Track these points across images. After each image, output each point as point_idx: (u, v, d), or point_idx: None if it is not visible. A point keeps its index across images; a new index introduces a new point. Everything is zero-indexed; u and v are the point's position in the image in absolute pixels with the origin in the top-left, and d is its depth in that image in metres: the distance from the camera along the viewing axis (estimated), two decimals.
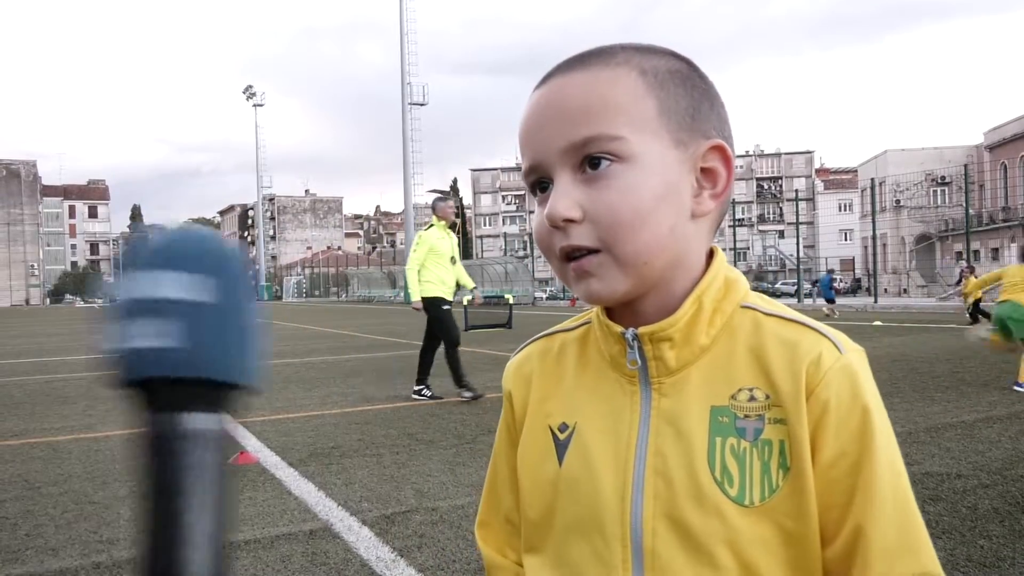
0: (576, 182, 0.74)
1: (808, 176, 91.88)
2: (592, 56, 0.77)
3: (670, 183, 0.74)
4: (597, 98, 0.73)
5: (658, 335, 0.77)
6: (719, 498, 0.73)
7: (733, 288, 0.80)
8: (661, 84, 0.76)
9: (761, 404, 0.74)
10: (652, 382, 0.78)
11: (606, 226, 0.72)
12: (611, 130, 0.73)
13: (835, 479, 0.72)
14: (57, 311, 66.95)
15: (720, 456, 0.74)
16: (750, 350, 0.76)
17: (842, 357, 0.74)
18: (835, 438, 0.72)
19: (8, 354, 18.15)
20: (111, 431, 7.57)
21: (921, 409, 7.14)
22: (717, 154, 0.77)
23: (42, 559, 3.99)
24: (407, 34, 56.41)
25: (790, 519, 0.72)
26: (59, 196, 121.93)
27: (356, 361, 13.69)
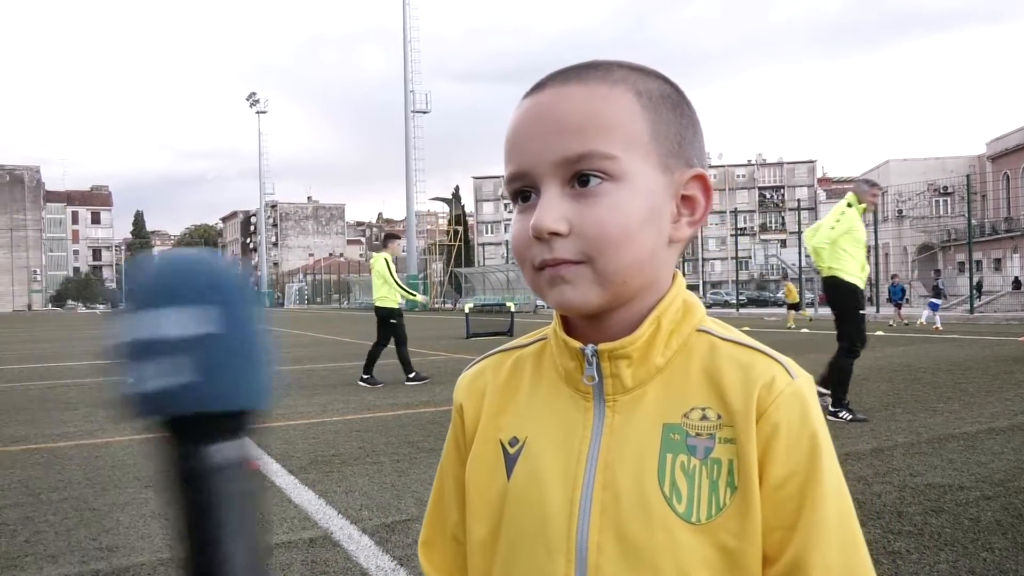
0: (564, 196, 0.74)
1: (810, 185, 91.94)
2: (590, 70, 0.77)
3: (655, 207, 0.75)
4: (594, 114, 0.74)
5: (617, 352, 0.77)
6: (666, 513, 0.73)
7: (691, 312, 0.81)
8: (655, 107, 0.77)
9: (713, 423, 0.75)
10: (607, 399, 0.79)
11: (592, 241, 0.73)
12: (606, 148, 0.73)
13: (781, 501, 0.73)
14: (59, 317, 67.02)
15: (670, 472, 0.74)
16: (704, 371, 0.77)
17: (794, 382, 0.76)
18: (784, 460, 0.73)
19: (10, 359, 18.15)
20: (111, 438, 7.56)
21: (923, 420, 7.11)
22: (698, 183, 0.79)
23: (41, 566, 3.97)
24: (410, 42, 56.60)
25: (734, 538, 0.72)
26: (62, 202, 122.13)
27: (357, 368, 13.65)
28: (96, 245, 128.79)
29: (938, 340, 17.05)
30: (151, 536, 4.38)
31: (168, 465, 0.46)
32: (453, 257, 58.64)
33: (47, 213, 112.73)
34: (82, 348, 21.66)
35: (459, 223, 70.17)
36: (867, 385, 9.52)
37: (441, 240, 64.58)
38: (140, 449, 6.92)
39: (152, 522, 4.65)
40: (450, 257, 58.38)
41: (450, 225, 67.52)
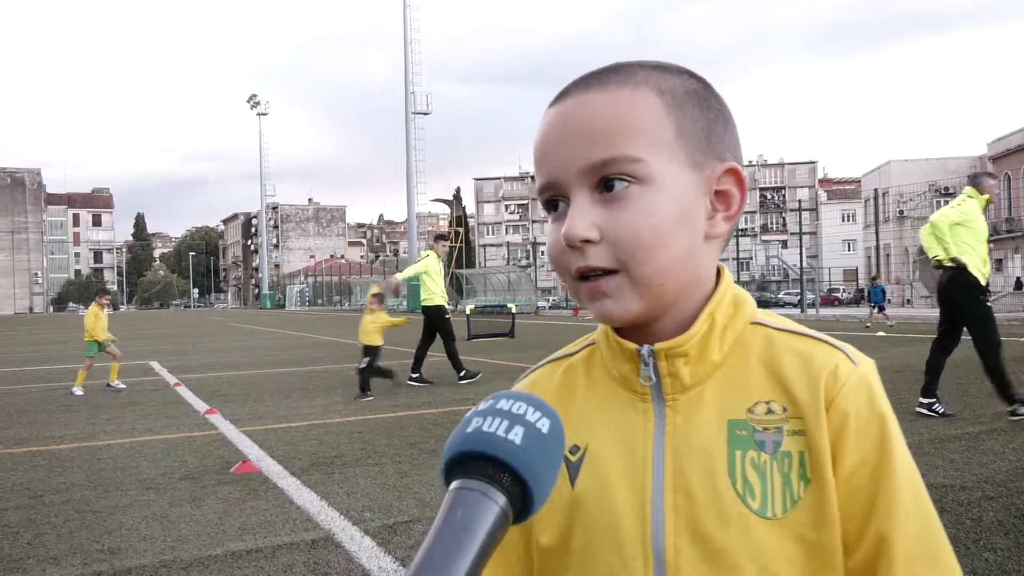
0: (593, 202, 0.74)
1: (811, 186, 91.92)
2: (610, 74, 0.76)
3: (686, 205, 0.75)
4: (616, 119, 0.73)
5: (674, 351, 0.77)
6: (742, 511, 0.73)
7: (741, 305, 0.80)
8: (679, 105, 0.76)
9: (779, 417, 0.75)
10: (666, 399, 0.78)
11: (624, 247, 0.73)
12: (630, 152, 0.73)
13: (856, 488, 0.73)
14: (60, 319, 67.03)
15: (741, 469, 0.74)
16: (764, 364, 0.77)
17: (857, 369, 0.76)
18: (855, 447, 0.73)
19: (11, 362, 18.17)
20: (113, 440, 7.56)
21: (925, 420, 7.12)
22: (732, 177, 0.78)
23: (43, 568, 3.98)
24: (411, 43, 56.61)
25: (812, 530, 0.72)
26: (63, 204, 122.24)
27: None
28: (97, 247, 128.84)
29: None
30: (153, 538, 4.39)
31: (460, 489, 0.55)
32: (454, 259, 58.68)
33: (48, 216, 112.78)
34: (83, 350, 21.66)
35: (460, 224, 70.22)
36: None
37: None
38: (141, 452, 6.94)
39: (154, 524, 4.65)
40: (451, 259, 58.42)
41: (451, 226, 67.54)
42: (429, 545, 0.52)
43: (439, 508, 0.54)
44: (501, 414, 0.57)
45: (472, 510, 0.53)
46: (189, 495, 5.30)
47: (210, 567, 3.90)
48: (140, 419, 8.83)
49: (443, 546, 0.52)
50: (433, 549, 0.52)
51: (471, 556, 0.51)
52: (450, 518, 0.53)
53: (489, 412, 0.58)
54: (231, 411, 9.11)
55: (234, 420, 8.43)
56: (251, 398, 10.32)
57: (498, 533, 0.53)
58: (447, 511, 0.53)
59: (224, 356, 18.44)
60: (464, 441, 0.56)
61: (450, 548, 0.51)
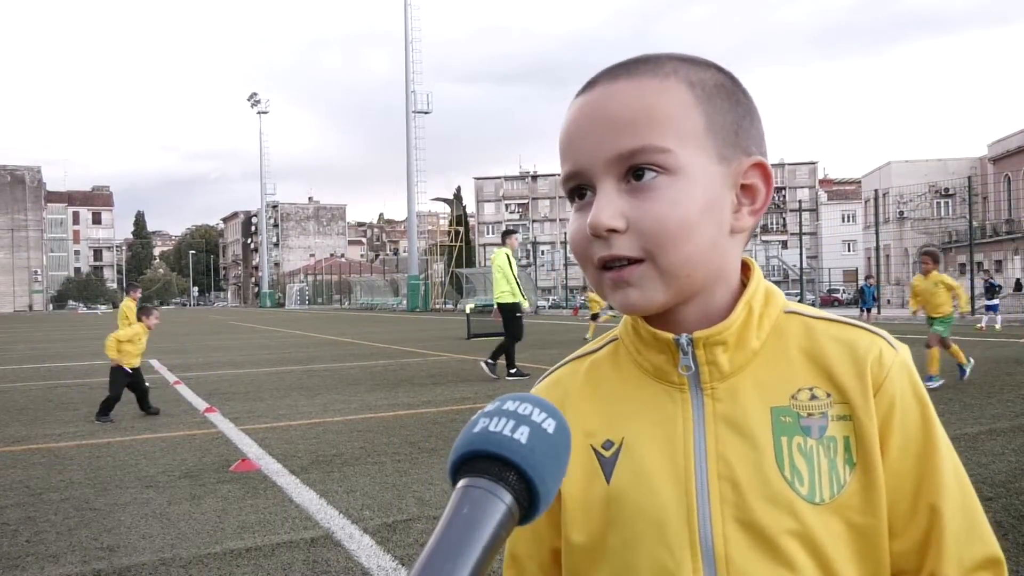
0: (620, 192, 0.74)
1: (811, 187, 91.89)
2: (640, 64, 0.76)
3: (713, 198, 0.75)
4: (646, 109, 0.73)
5: (713, 339, 0.77)
6: (791, 497, 0.73)
7: (773, 296, 0.81)
8: (709, 98, 0.76)
9: (823, 402, 0.75)
10: (704, 387, 0.78)
11: (651, 237, 0.73)
12: (659, 142, 0.73)
13: (903, 470, 0.74)
14: (60, 317, 67.06)
15: (788, 455, 0.74)
16: (804, 351, 0.77)
17: (899, 354, 0.77)
18: (901, 430, 0.75)
19: (11, 360, 18.16)
20: (112, 438, 7.57)
21: None
22: (758, 171, 0.78)
23: (42, 566, 3.98)
24: (411, 42, 56.57)
25: (859, 514, 0.73)
26: (63, 202, 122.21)
27: (358, 369, 13.68)
28: (97, 245, 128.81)
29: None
30: (152, 536, 4.39)
31: (467, 487, 0.56)
32: (454, 258, 58.64)
33: (48, 213, 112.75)
34: (83, 348, 21.68)
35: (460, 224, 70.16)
36: None
37: (442, 241, 64.55)
38: (140, 450, 6.94)
39: (153, 522, 4.65)
40: (451, 258, 58.38)
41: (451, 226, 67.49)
42: (435, 542, 0.52)
43: (442, 508, 0.54)
44: (507, 415, 0.58)
45: (478, 508, 0.54)
46: (188, 493, 5.30)
47: (209, 565, 3.90)
48: (139, 417, 8.83)
49: (449, 543, 0.52)
50: (439, 546, 0.52)
51: (476, 553, 0.52)
52: (456, 515, 0.53)
53: (495, 413, 0.59)
54: (231, 409, 9.11)
55: (234, 418, 8.43)
56: (251, 396, 10.32)
57: (503, 531, 0.54)
58: (453, 509, 0.54)
59: (224, 354, 18.43)
60: (471, 441, 0.57)
61: (455, 545, 0.52)
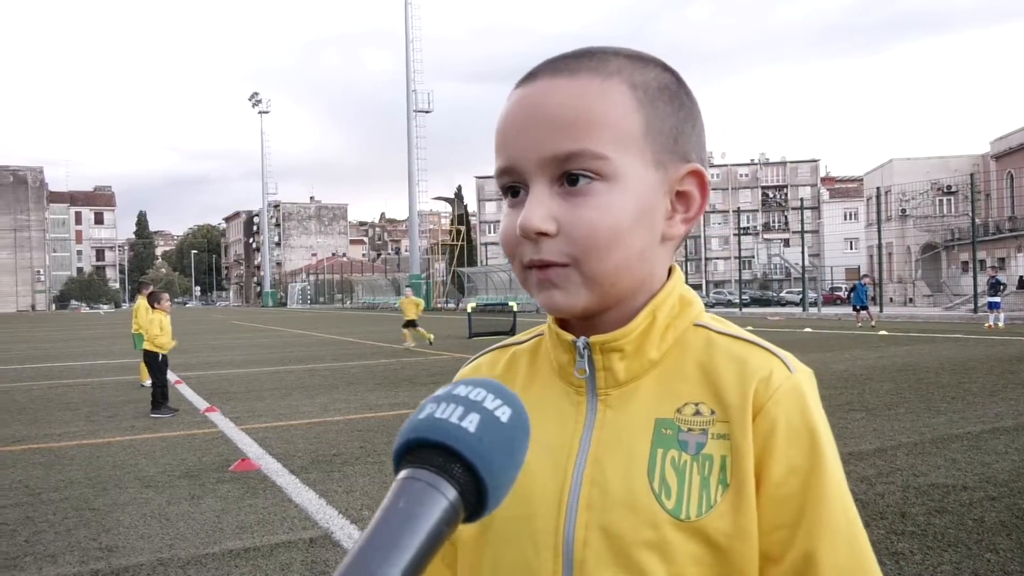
0: (553, 194, 0.72)
1: (813, 185, 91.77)
2: (583, 60, 0.74)
3: (646, 205, 0.73)
4: (585, 111, 0.71)
5: (609, 345, 0.76)
6: (655, 509, 0.71)
7: (688, 307, 0.79)
8: (651, 101, 0.73)
9: (706, 419, 0.73)
10: (599, 393, 0.77)
11: (581, 243, 0.71)
12: (596, 147, 0.70)
13: (784, 498, 0.70)
14: (62, 317, 67.11)
15: (660, 467, 0.72)
16: (699, 366, 0.75)
17: (792, 376, 0.73)
18: (784, 456, 0.71)
19: (13, 359, 18.17)
20: (112, 437, 7.55)
21: (927, 420, 7.09)
22: (694, 179, 0.76)
23: (40, 566, 3.96)
24: (412, 41, 56.58)
25: (726, 537, 0.70)
26: (66, 202, 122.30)
27: (359, 368, 13.67)
28: (99, 245, 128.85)
29: (941, 339, 16.99)
30: (151, 536, 4.37)
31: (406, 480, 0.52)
32: (456, 257, 58.64)
33: (50, 214, 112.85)
34: (84, 348, 21.69)
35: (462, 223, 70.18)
36: (870, 385, 9.49)
37: (444, 240, 64.54)
38: (140, 449, 6.92)
39: (152, 522, 4.63)
40: (452, 257, 58.40)
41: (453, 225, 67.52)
42: (365, 539, 0.48)
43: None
44: (457, 400, 0.54)
45: (416, 502, 0.50)
46: (188, 493, 5.28)
47: (207, 565, 3.88)
48: (139, 417, 8.81)
49: (380, 540, 0.48)
50: (369, 543, 0.47)
51: (410, 552, 0.48)
52: (391, 510, 0.49)
53: (445, 398, 0.55)
54: (231, 409, 9.10)
55: (234, 418, 8.42)
56: (251, 396, 10.31)
57: (445, 528, 0.50)
58: (389, 502, 0.50)
59: (225, 354, 18.43)
60: (414, 428, 0.53)
61: (388, 543, 0.48)
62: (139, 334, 11.11)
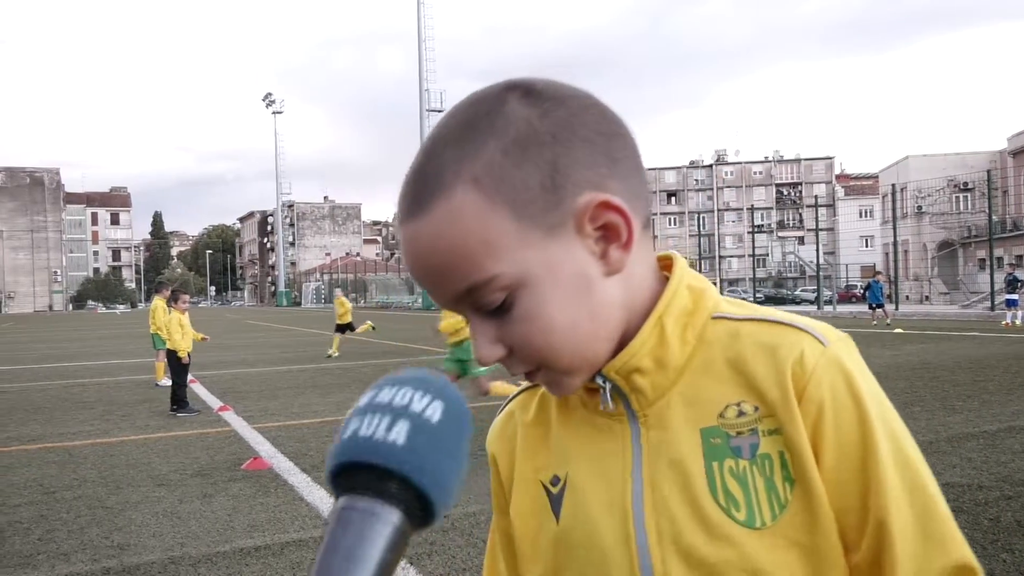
0: (485, 318, 0.69)
1: (828, 182, 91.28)
2: (423, 189, 0.67)
3: (567, 276, 0.68)
4: (452, 251, 0.66)
5: (625, 368, 0.72)
6: (728, 525, 0.68)
7: (701, 298, 0.74)
8: (502, 180, 0.65)
9: (752, 418, 0.69)
10: (638, 416, 0.73)
11: (530, 356, 0.69)
12: (480, 276, 0.66)
13: (845, 480, 0.67)
14: (79, 317, 67.65)
15: (721, 480, 0.69)
16: (729, 363, 0.71)
17: (827, 350, 0.69)
18: (835, 437, 0.67)
19: (30, 359, 18.32)
20: (127, 436, 7.60)
21: (942, 418, 7.03)
22: (602, 210, 0.67)
23: (53, 564, 3.99)
24: (424, 40, 56.67)
25: (806, 533, 0.67)
26: (82, 203, 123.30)
27: (372, 367, 13.70)
28: (115, 246, 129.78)
29: (958, 337, 16.85)
30: (162, 535, 4.39)
31: (342, 508, 0.49)
32: None
33: (67, 215, 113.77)
34: (100, 348, 21.85)
35: None
36: (885, 383, 9.28)
37: None
38: (154, 448, 6.96)
39: (164, 520, 4.65)
40: None
41: None
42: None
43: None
44: (382, 409, 0.51)
45: (357, 535, 0.47)
46: (200, 492, 5.30)
47: (218, 564, 3.89)
48: (153, 416, 8.87)
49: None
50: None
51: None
52: (333, 548, 0.47)
53: (369, 408, 0.51)
54: (244, 408, 9.14)
55: (247, 417, 8.45)
56: (264, 395, 10.35)
57: (392, 553, 0.48)
58: (330, 538, 0.47)
59: (239, 353, 18.52)
60: (340, 451, 0.50)
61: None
62: (157, 334, 11.22)
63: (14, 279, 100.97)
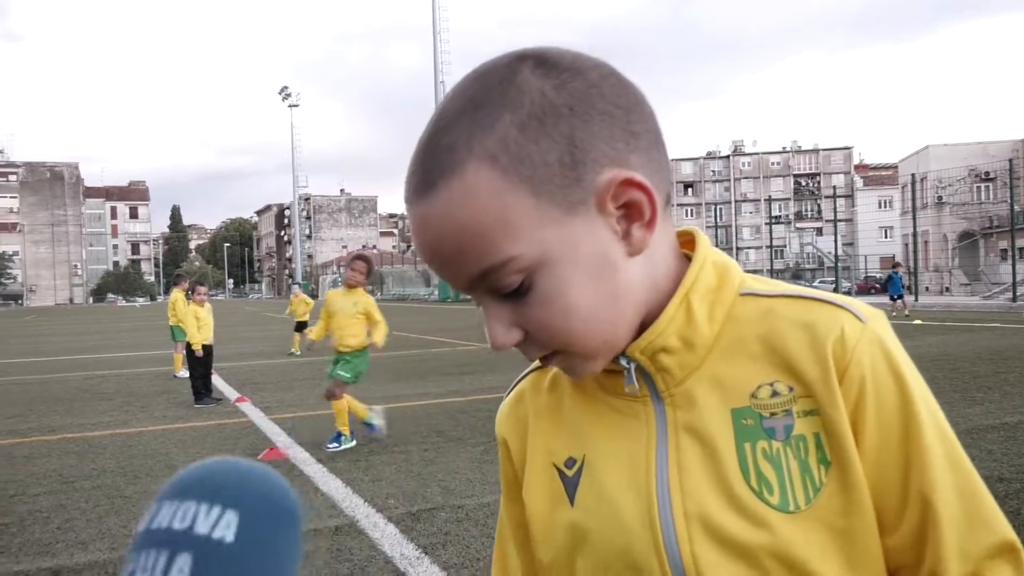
0: (501, 302, 0.66)
1: (847, 172, 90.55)
2: (434, 167, 0.63)
3: (588, 257, 0.65)
4: (465, 232, 0.63)
5: (650, 347, 0.69)
6: (761, 509, 0.66)
7: (727, 274, 0.71)
8: (519, 159, 0.62)
9: (786, 398, 0.67)
10: (663, 396, 0.70)
11: (548, 340, 0.67)
12: (496, 258, 0.63)
13: (885, 460, 0.66)
14: (99, 310, 68.29)
15: (753, 463, 0.67)
16: (761, 340, 0.68)
17: (866, 327, 0.67)
18: (876, 415, 0.66)
19: (50, 351, 18.52)
20: (145, 427, 7.66)
21: (962, 410, 6.95)
22: (624, 188, 0.64)
23: (72, 552, 4.02)
24: (439, 33, 56.64)
25: (842, 516, 0.65)
26: (101, 197, 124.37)
27: (387, 359, 13.72)
28: (134, 239, 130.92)
29: (979, 329, 16.68)
30: None
31: None
32: None
33: (87, 208, 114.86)
34: (120, 340, 22.04)
35: None
36: None
37: None
38: (172, 439, 7.01)
39: None
40: None
41: None
42: None
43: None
44: (158, 541, 0.42)
45: None
46: None
47: None
48: (172, 407, 8.94)
49: None
50: None
51: None
52: None
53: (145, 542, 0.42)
54: (261, 399, 9.19)
55: (264, 408, 8.50)
56: (281, 386, 10.41)
57: None
58: None
59: (256, 345, 18.63)
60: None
61: None
62: (177, 326, 11.27)
63: (36, 272, 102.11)
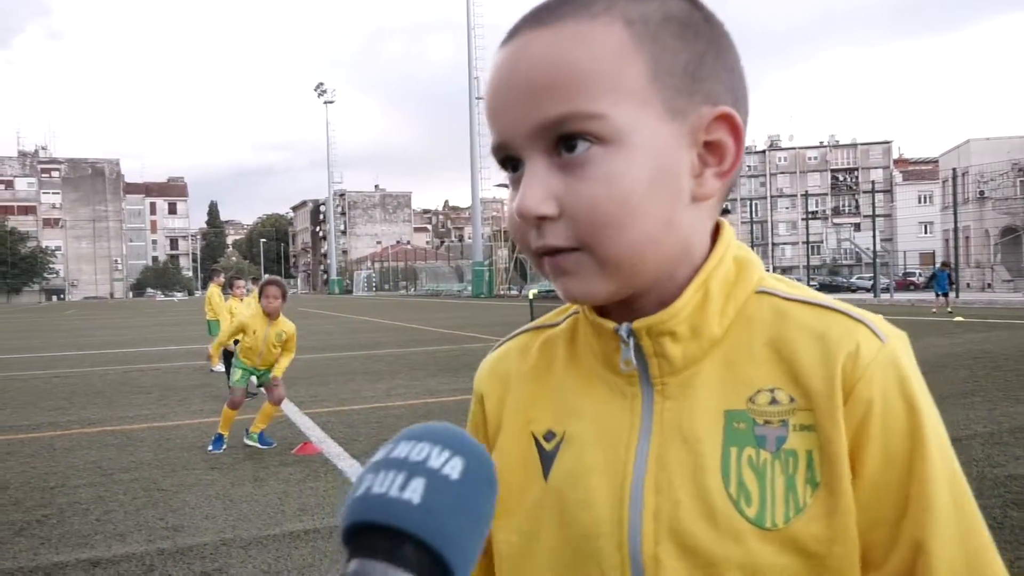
0: (551, 168, 0.61)
1: (886, 167, 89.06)
2: (565, 5, 0.62)
3: (663, 165, 0.61)
4: (568, 65, 0.60)
5: (657, 328, 0.65)
6: (735, 519, 0.62)
7: (745, 270, 0.67)
8: (654, 37, 0.61)
9: (785, 408, 0.63)
10: (654, 383, 0.66)
11: (586, 225, 0.61)
12: (587, 106, 0.59)
13: (883, 491, 0.61)
14: (139, 304, 69.48)
15: (736, 469, 0.62)
16: (770, 343, 0.65)
17: (884, 347, 0.62)
18: (881, 443, 0.61)
19: (92, 345, 18.87)
20: (183, 420, 7.77)
21: (1005, 409, 6.79)
22: (724, 124, 0.63)
23: (110, 544, 4.09)
24: (474, 28, 56.64)
25: (820, 544, 0.60)
26: (141, 193, 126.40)
27: (422, 354, 13.79)
28: (173, 235, 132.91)
29: (1021, 326, 16.30)
30: (215, 516, 4.47)
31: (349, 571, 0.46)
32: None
33: (127, 204, 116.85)
34: (159, 334, 22.39)
35: None
36: (945, 372, 9.15)
37: (506, 227, 64.57)
38: (208, 432, 7.10)
39: (216, 503, 4.74)
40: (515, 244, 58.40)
41: None
42: None
43: None
44: (396, 465, 0.47)
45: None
46: (251, 475, 5.40)
47: (268, 546, 3.95)
48: (208, 400, 9.05)
49: None
50: None
51: None
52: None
53: (383, 465, 0.48)
54: (295, 393, 9.26)
55: (298, 402, 8.57)
56: (315, 381, 10.48)
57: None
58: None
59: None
60: (353, 510, 0.47)
61: None
62: (214, 321, 11.40)
63: (77, 267, 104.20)
